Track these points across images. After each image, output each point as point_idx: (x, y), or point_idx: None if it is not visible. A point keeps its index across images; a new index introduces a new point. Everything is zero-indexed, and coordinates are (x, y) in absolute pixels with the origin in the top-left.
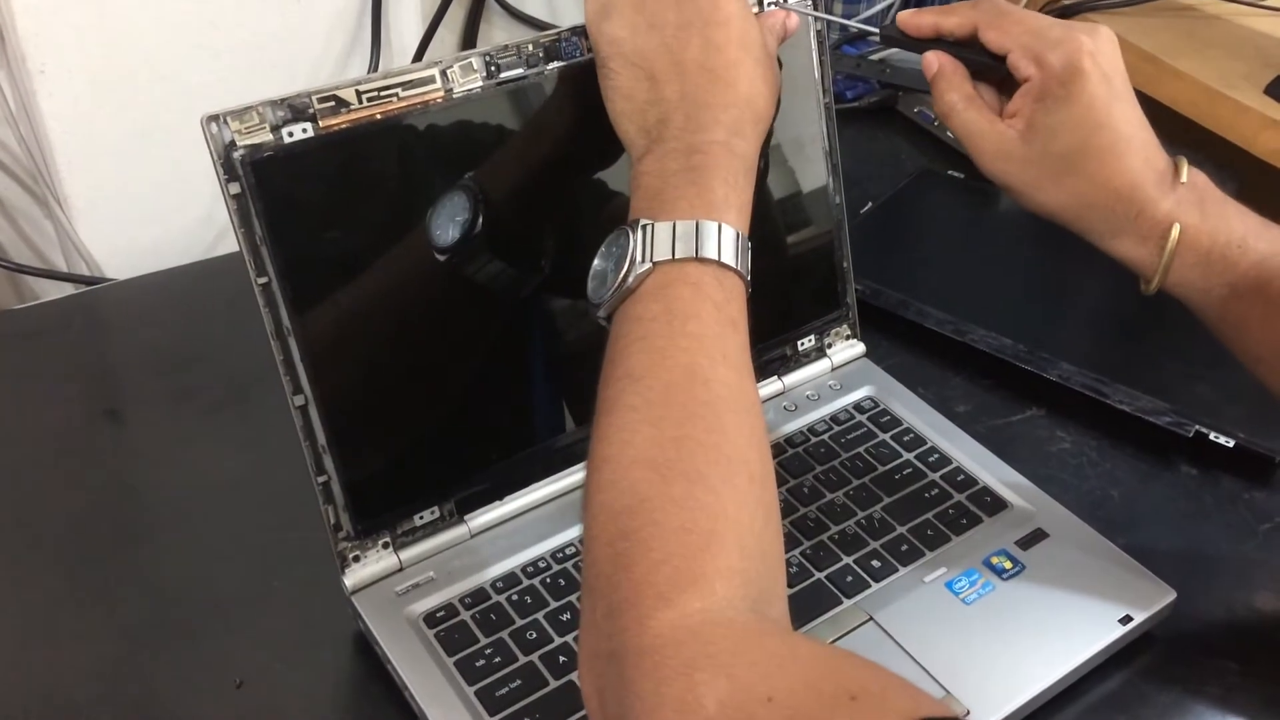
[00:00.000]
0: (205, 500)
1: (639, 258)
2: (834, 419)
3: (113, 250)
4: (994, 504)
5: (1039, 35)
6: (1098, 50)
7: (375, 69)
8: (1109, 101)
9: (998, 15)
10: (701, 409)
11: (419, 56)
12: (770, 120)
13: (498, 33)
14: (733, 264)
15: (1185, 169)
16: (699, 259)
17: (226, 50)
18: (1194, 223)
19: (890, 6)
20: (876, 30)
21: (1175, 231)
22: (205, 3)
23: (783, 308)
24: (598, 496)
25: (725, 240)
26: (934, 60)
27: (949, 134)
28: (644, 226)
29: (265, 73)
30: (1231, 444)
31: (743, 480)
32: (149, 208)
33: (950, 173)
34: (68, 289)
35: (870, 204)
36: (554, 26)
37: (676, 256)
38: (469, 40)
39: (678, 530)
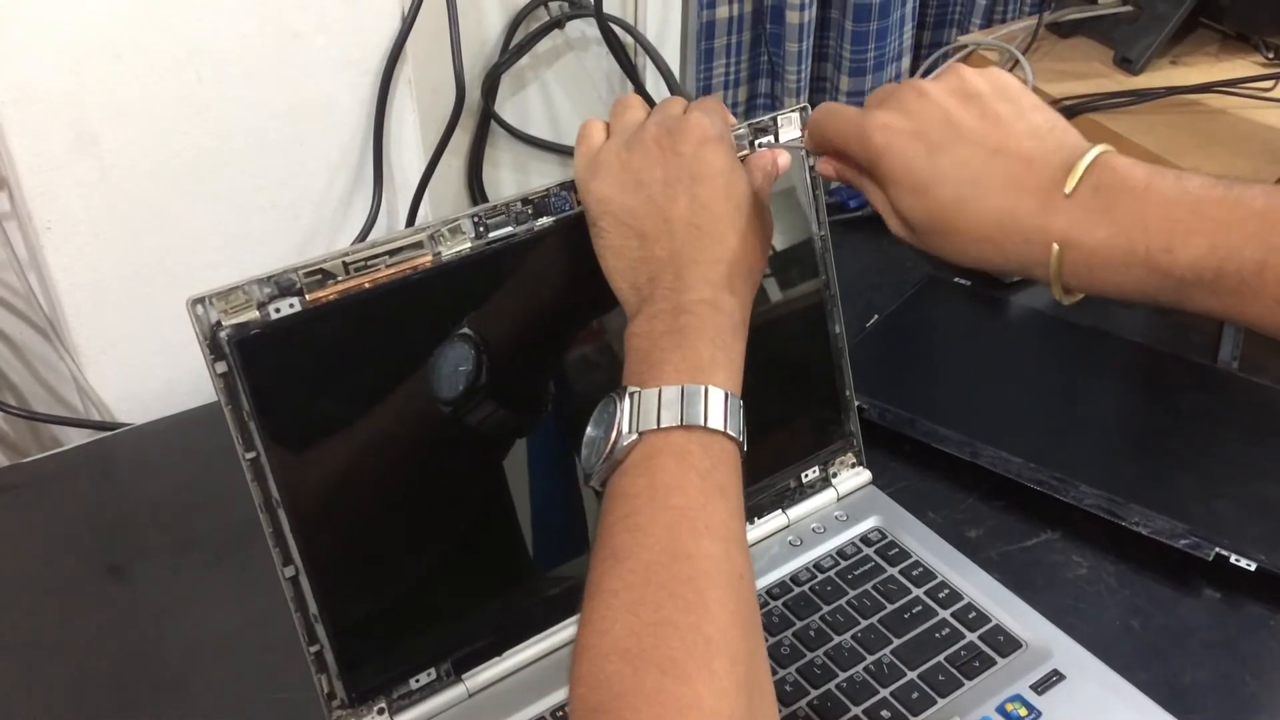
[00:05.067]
0: (204, 659)
1: (625, 428)
2: (840, 553)
3: (123, 395)
4: (1007, 643)
5: (839, 130)
6: (899, 115)
7: (379, 205)
8: (925, 162)
9: (818, 122)
10: (682, 587)
11: (422, 187)
12: (762, 271)
13: (503, 155)
14: (721, 428)
15: (1077, 176)
16: (685, 426)
17: (229, 194)
18: (1101, 236)
19: None
20: None
21: (1054, 252)
22: (205, 151)
23: (785, 441)
24: (577, 690)
25: (713, 404)
26: (827, 169)
27: None
28: (631, 394)
29: (268, 213)
30: (1253, 567)
31: (723, 664)
32: (157, 352)
33: (957, 280)
34: (83, 433)
35: (876, 316)
36: (558, 146)
37: (662, 425)
38: (475, 165)
39: None
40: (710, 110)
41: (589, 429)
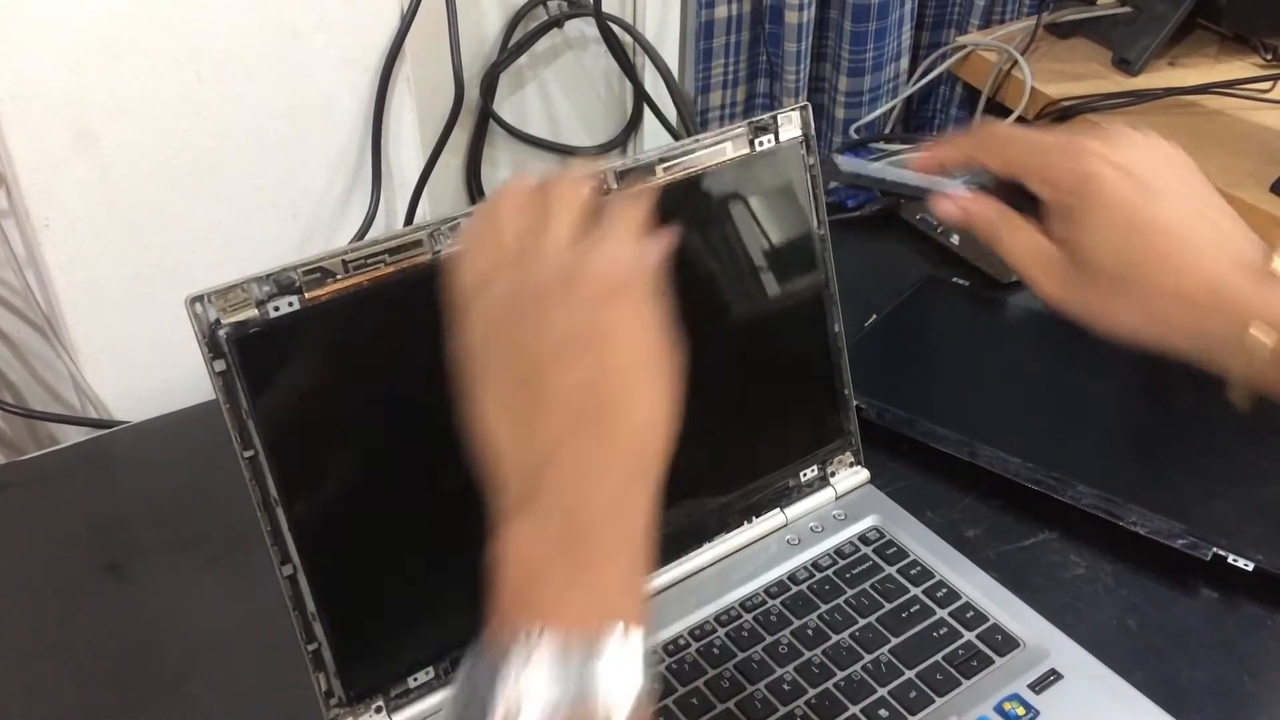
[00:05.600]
0: (203, 658)
1: (515, 710)
2: (838, 552)
3: (121, 393)
4: (1005, 642)
5: (1037, 148)
6: (1113, 151)
7: (377, 203)
8: (1141, 202)
9: (992, 139)
10: None
11: (421, 186)
12: (673, 426)
13: (501, 154)
14: (632, 697)
15: None
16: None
17: (228, 194)
18: None
19: (891, 111)
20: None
21: (1257, 334)
22: (205, 151)
23: (783, 439)
24: None
25: (630, 658)
26: (952, 209)
27: (954, 239)
28: (513, 655)
29: (267, 213)
30: (1251, 567)
31: None
32: (155, 350)
33: (955, 280)
34: (81, 431)
35: (874, 316)
36: (557, 146)
37: (567, 698)
38: (474, 164)
39: None
40: (620, 240)
41: (453, 691)
